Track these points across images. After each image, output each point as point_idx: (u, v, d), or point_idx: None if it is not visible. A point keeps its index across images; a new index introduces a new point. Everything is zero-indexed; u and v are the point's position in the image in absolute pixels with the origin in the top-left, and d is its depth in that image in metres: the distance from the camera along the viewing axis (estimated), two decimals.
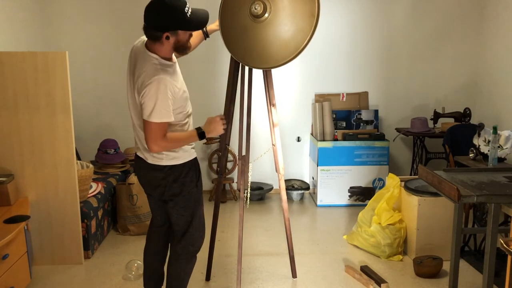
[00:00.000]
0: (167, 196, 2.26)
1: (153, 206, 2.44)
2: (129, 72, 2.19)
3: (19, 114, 3.02)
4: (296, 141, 4.90)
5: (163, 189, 2.24)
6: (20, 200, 3.06)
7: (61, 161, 3.09)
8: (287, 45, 2.46)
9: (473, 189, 2.19)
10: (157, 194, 2.29)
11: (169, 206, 2.29)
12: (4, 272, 2.52)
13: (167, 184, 2.22)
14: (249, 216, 4.19)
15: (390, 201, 3.38)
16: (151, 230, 2.52)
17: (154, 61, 2.07)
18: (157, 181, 2.24)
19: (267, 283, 2.99)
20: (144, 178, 2.33)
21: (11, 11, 3.82)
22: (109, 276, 3.08)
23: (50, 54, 3.00)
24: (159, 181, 2.23)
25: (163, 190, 2.24)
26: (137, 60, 2.13)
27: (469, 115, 4.41)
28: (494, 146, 2.96)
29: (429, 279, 3.02)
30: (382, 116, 4.84)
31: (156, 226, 2.48)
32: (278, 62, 2.50)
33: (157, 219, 2.46)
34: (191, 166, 2.27)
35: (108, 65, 4.60)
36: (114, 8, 4.53)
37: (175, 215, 2.30)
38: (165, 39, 2.05)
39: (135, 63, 2.14)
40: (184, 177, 2.24)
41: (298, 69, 4.71)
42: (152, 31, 2.06)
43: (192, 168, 2.28)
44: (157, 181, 2.23)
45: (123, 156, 4.30)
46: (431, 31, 4.71)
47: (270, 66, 2.57)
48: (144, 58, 2.10)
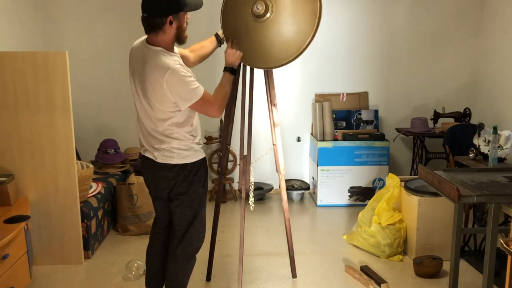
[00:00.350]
0: (173, 195, 2.25)
1: (159, 208, 2.42)
2: (132, 77, 2.16)
3: (19, 114, 3.02)
4: (296, 141, 4.90)
5: (171, 188, 2.24)
6: (20, 200, 3.06)
7: (61, 161, 3.09)
8: (289, 45, 2.47)
9: (473, 189, 2.19)
10: (164, 194, 2.28)
11: (174, 205, 2.28)
12: (4, 272, 2.52)
13: (176, 183, 2.22)
14: (249, 216, 4.19)
15: (390, 201, 3.38)
16: (154, 231, 2.50)
17: (160, 53, 2.05)
18: (166, 181, 2.23)
19: (267, 283, 2.99)
20: (153, 179, 2.31)
21: (11, 11, 3.82)
22: (109, 276, 3.08)
23: (50, 54, 3.00)
24: (169, 181, 2.22)
25: (171, 188, 2.24)
26: (141, 60, 2.09)
27: (469, 115, 4.41)
28: (494, 146, 2.96)
29: (429, 279, 3.02)
30: (382, 116, 4.84)
31: (160, 227, 2.47)
32: (280, 62, 2.51)
33: (162, 220, 2.45)
34: (200, 166, 2.28)
35: (108, 65, 4.60)
36: (114, 8, 4.52)
37: (178, 214, 2.29)
38: (169, 25, 2.04)
39: (139, 65, 2.11)
40: (193, 176, 2.24)
41: (298, 69, 4.71)
42: (155, 18, 2.04)
43: (201, 167, 2.28)
44: (167, 181, 2.23)
45: (123, 156, 4.30)
46: (431, 31, 4.71)
47: (272, 66, 2.57)
48: (149, 55, 2.07)
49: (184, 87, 2.04)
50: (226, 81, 2.32)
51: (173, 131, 2.16)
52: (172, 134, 2.16)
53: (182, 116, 2.15)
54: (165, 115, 2.13)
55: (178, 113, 2.13)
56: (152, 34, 2.08)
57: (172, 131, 2.16)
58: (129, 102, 4.62)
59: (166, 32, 2.06)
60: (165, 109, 2.10)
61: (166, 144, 2.17)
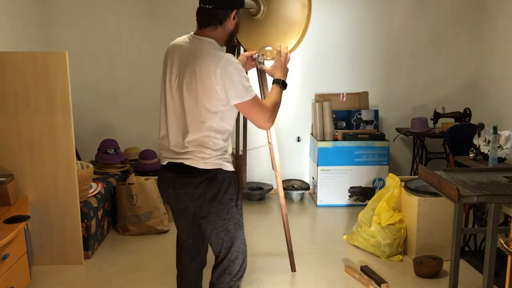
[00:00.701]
0: (203, 214, 1.98)
1: (184, 228, 2.13)
2: (170, 73, 1.97)
3: (19, 114, 3.02)
4: (296, 141, 4.90)
5: (199, 206, 1.97)
6: (20, 200, 3.06)
7: (61, 161, 3.09)
8: (285, 38, 2.53)
9: (473, 189, 2.19)
10: (190, 212, 2.02)
11: (207, 231, 2.01)
12: (4, 272, 2.52)
13: (204, 201, 1.95)
14: (249, 216, 4.18)
15: (390, 201, 3.37)
16: (182, 264, 2.19)
17: (214, 44, 1.92)
18: (191, 192, 1.95)
19: (267, 283, 2.99)
20: (175, 195, 2.01)
21: (11, 11, 3.82)
22: (109, 276, 3.08)
23: (50, 54, 3.00)
24: (195, 189, 1.94)
25: (199, 207, 1.97)
26: (188, 52, 1.93)
27: (469, 115, 4.41)
28: (494, 146, 2.96)
29: (429, 279, 3.02)
30: (382, 116, 4.84)
31: (188, 254, 2.16)
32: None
33: (188, 243, 2.15)
34: (231, 181, 1.99)
35: (109, 65, 4.60)
36: (114, 8, 4.52)
37: (214, 240, 2.02)
38: (231, 20, 1.93)
39: (184, 58, 1.93)
40: (224, 194, 1.95)
41: (298, 69, 4.71)
42: (220, 10, 1.90)
43: (232, 183, 1.99)
44: (192, 189, 1.94)
45: (123, 156, 4.30)
46: (431, 31, 4.71)
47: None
48: (202, 45, 1.91)
49: (238, 80, 1.85)
50: (279, 95, 2.08)
51: (208, 138, 1.93)
52: (206, 141, 1.93)
53: (221, 121, 1.93)
54: (206, 115, 1.90)
55: (219, 116, 1.91)
56: (210, 28, 1.93)
57: (208, 138, 1.92)
58: (129, 102, 4.69)
59: (225, 27, 1.94)
60: (209, 106, 1.88)
61: (198, 148, 1.93)
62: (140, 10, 4.55)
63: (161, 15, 4.53)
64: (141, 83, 4.64)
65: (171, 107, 1.97)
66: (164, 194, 2.10)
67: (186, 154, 1.94)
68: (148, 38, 4.55)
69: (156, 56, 4.62)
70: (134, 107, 4.67)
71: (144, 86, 4.63)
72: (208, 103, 1.88)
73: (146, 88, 4.62)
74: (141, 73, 4.63)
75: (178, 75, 1.94)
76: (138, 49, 4.58)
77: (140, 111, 4.67)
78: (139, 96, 4.66)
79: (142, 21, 4.55)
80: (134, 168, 4.28)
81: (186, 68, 1.90)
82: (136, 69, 4.62)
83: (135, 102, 4.66)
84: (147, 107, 4.65)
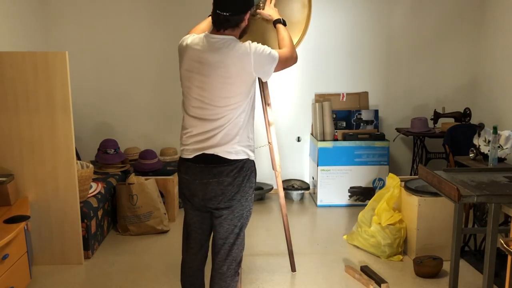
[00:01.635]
0: (225, 202, 2.10)
1: (198, 221, 2.22)
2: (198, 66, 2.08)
3: (19, 114, 3.02)
4: (296, 141, 4.90)
5: (227, 193, 2.09)
6: (20, 200, 3.06)
7: (61, 161, 3.09)
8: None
9: (473, 189, 2.19)
10: (215, 201, 2.11)
11: (223, 217, 2.12)
12: (4, 272, 2.52)
13: (232, 188, 2.08)
14: None
15: (390, 201, 3.37)
16: (190, 249, 2.28)
17: (235, 39, 2.12)
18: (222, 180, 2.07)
19: (267, 283, 2.99)
20: (201, 185, 2.11)
21: (11, 11, 3.82)
22: (109, 276, 3.08)
23: (50, 54, 3.00)
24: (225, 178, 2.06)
25: (227, 194, 2.09)
26: (211, 47, 2.07)
27: (469, 115, 4.41)
28: (494, 146, 2.96)
29: (429, 279, 3.02)
30: (382, 116, 4.84)
31: (198, 244, 2.27)
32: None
33: (198, 233, 2.25)
34: (253, 170, 2.18)
35: (108, 65, 4.60)
36: (114, 8, 4.52)
37: (226, 226, 2.13)
38: (245, 21, 2.15)
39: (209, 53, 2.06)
40: (247, 182, 2.13)
41: (298, 69, 4.71)
42: (238, 16, 2.10)
43: (254, 172, 2.18)
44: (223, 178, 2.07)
45: (123, 156, 4.30)
46: (431, 31, 4.71)
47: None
48: (226, 41, 2.08)
49: (264, 51, 2.10)
50: (286, 31, 2.39)
51: (237, 131, 2.08)
52: (234, 134, 2.08)
53: (250, 111, 2.15)
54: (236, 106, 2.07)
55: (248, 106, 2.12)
56: (228, 30, 2.11)
57: (236, 131, 2.08)
58: (129, 102, 4.69)
59: (240, 27, 2.14)
60: (243, 88, 2.07)
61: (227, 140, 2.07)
62: (140, 10, 4.55)
63: (161, 15, 4.54)
64: (141, 83, 4.64)
65: (198, 100, 2.09)
66: (187, 186, 2.16)
67: (216, 145, 2.07)
68: (148, 38, 4.55)
69: (156, 56, 4.67)
70: (134, 107, 4.67)
71: (144, 86, 4.63)
72: (243, 83, 2.08)
73: (146, 88, 4.63)
74: (141, 73, 4.63)
75: (202, 71, 2.07)
76: (138, 49, 4.58)
77: (140, 111, 4.67)
78: (139, 96, 4.66)
79: (142, 21, 4.55)
80: (134, 168, 4.28)
81: (215, 61, 2.05)
82: (136, 69, 4.63)
83: (135, 102, 4.66)
84: (147, 107, 4.65)
